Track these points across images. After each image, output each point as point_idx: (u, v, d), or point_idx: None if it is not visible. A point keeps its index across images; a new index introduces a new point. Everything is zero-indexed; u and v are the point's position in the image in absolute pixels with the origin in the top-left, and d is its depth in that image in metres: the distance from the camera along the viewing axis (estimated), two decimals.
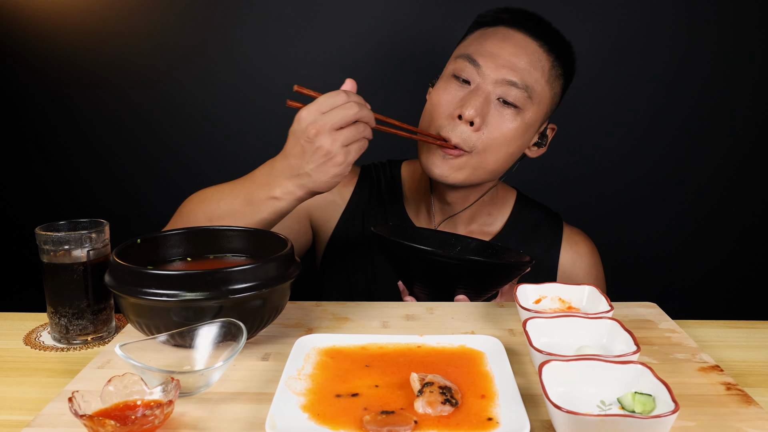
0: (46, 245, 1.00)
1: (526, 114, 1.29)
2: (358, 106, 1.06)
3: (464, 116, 1.25)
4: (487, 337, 0.91)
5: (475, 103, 1.25)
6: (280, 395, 0.76)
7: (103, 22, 1.91)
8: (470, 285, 1.14)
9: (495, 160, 1.30)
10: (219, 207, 1.17)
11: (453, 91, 1.30)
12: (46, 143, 2.00)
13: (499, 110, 1.27)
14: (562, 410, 0.67)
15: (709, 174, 2.00)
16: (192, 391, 0.80)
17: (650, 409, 0.72)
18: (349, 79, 1.11)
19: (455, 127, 1.27)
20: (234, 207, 1.15)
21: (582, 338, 0.89)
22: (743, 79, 1.94)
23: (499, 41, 1.29)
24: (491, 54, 1.28)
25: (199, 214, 1.19)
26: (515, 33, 1.30)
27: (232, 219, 1.14)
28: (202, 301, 0.85)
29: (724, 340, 1.04)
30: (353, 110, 1.05)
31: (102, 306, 1.05)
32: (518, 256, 1.24)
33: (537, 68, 1.29)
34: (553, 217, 1.50)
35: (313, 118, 1.05)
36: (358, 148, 1.07)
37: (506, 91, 1.27)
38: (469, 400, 0.77)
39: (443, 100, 1.30)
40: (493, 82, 1.27)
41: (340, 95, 1.06)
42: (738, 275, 2.07)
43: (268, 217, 1.13)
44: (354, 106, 1.05)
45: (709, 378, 0.86)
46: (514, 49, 1.28)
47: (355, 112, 1.05)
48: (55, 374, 0.94)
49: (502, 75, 1.27)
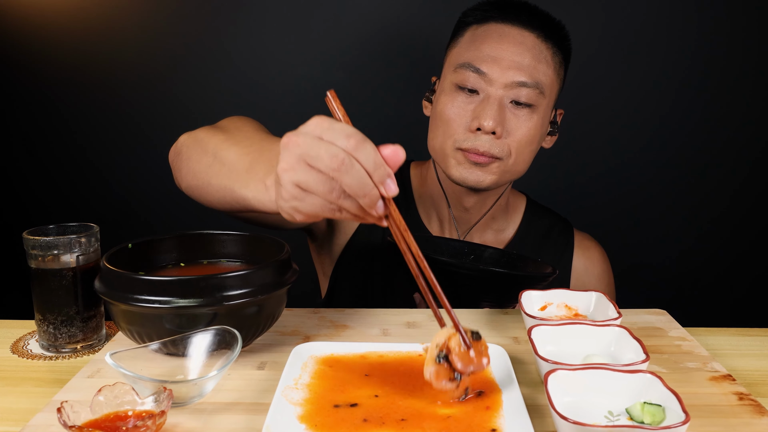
0: (34, 250, 0.99)
1: (540, 110, 1.28)
2: (348, 163, 0.72)
3: (484, 128, 1.23)
4: (491, 345, 0.89)
5: (491, 113, 1.23)
6: (276, 406, 0.76)
7: (93, 20, 1.91)
8: (493, 297, 1.14)
9: (522, 161, 1.30)
10: (230, 151, 1.00)
11: (462, 104, 1.26)
12: (35, 144, 1.99)
13: (514, 113, 1.26)
14: (568, 421, 0.66)
15: (720, 178, 2.01)
16: (185, 401, 0.79)
17: (660, 420, 0.71)
18: (397, 146, 0.75)
19: (477, 138, 1.25)
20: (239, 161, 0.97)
21: (589, 346, 0.89)
22: (755, 83, 1.94)
23: (496, 42, 1.26)
24: (493, 58, 1.25)
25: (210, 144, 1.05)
26: (510, 28, 1.27)
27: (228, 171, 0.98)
28: (195, 307, 0.84)
29: (736, 349, 1.04)
30: (336, 165, 0.72)
31: (92, 313, 1.04)
32: (538, 266, 1.24)
33: (541, 61, 1.26)
34: (564, 223, 1.50)
35: (306, 130, 0.75)
36: (313, 205, 0.76)
37: (518, 92, 1.25)
38: (472, 410, 0.77)
39: (453, 113, 1.27)
40: (502, 86, 1.24)
41: (351, 141, 0.72)
42: (750, 281, 2.07)
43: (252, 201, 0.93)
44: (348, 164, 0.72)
45: (721, 388, 0.85)
46: (514, 47, 1.25)
47: (335, 169, 0.72)
48: (44, 384, 0.93)
49: (510, 78, 1.24)
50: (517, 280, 1.13)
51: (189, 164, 1.09)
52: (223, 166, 0.99)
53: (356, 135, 0.73)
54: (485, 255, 1.31)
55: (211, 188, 1.02)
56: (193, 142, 1.10)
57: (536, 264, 1.25)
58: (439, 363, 0.78)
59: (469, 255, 1.31)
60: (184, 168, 1.11)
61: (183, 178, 1.12)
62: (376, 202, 0.74)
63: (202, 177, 1.04)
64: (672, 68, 1.93)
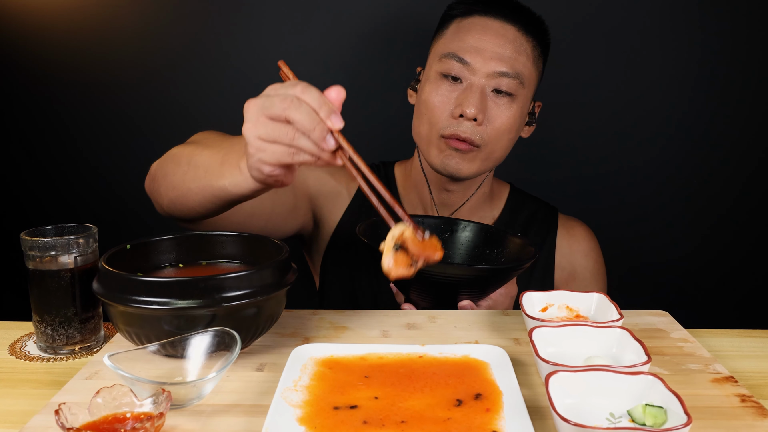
0: (32, 251, 0.99)
1: (519, 99, 1.34)
2: (297, 102, 0.84)
3: (466, 115, 1.29)
4: (491, 346, 0.90)
5: (473, 100, 1.29)
6: (275, 407, 0.76)
7: (91, 19, 1.90)
8: (472, 291, 1.14)
9: (501, 148, 1.36)
10: (202, 155, 1.06)
11: (446, 92, 1.33)
12: (32, 145, 1.98)
13: (495, 101, 1.32)
14: (569, 423, 0.66)
15: (723, 179, 2.00)
16: (184, 403, 0.79)
17: (662, 422, 0.71)
18: (338, 86, 0.89)
19: (459, 124, 1.31)
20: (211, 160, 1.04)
21: (590, 348, 0.89)
22: (760, 84, 1.93)
23: (480, 33, 1.33)
24: (476, 48, 1.31)
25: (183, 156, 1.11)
26: (492, 21, 1.34)
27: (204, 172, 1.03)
28: (194, 309, 0.84)
29: (738, 350, 1.03)
30: (285, 104, 0.84)
31: (90, 314, 1.03)
32: (519, 243, 1.26)
33: (522, 53, 1.33)
34: (548, 208, 1.54)
35: (262, 94, 0.88)
36: (274, 153, 0.87)
37: (499, 82, 1.31)
38: (473, 413, 0.77)
39: (438, 101, 1.33)
40: (484, 75, 1.31)
41: (297, 87, 0.85)
42: (753, 282, 2.06)
43: (228, 187, 0.99)
44: (292, 101, 0.84)
45: (723, 390, 0.85)
46: (496, 39, 1.32)
47: (286, 107, 0.84)
48: (41, 385, 0.92)
49: (492, 68, 1.30)
50: (492, 274, 1.14)
51: (165, 180, 1.14)
52: (198, 169, 1.06)
53: (301, 83, 0.86)
54: (462, 230, 1.33)
55: (191, 192, 1.07)
56: (166, 161, 1.17)
57: (515, 239, 1.27)
58: (396, 251, 0.86)
59: (446, 231, 1.33)
60: (162, 186, 1.15)
61: (163, 195, 1.15)
62: (326, 136, 0.85)
63: (180, 186, 1.09)
64: (677, 69, 1.92)
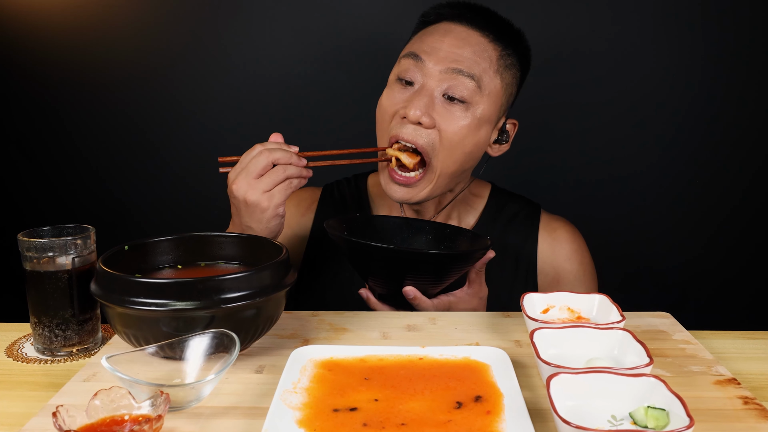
0: (29, 252, 0.99)
1: (476, 108, 1.26)
2: (269, 151, 1.13)
3: (409, 117, 1.24)
4: (492, 348, 0.90)
5: (418, 103, 1.24)
6: (274, 410, 0.76)
7: (89, 19, 1.91)
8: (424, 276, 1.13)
9: (452, 162, 1.28)
10: None
11: (397, 94, 1.29)
12: (30, 145, 1.99)
13: (446, 108, 1.26)
14: (571, 425, 0.66)
15: (727, 180, 2.00)
16: (182, 406, 0.79)
17: (664, 425, 0.71)
18: (275, 133, 1.19)
19: (403, 125, 1.26)
20: None
21: (592, 350, 0.89)
22: (762, 88, 1.93)
23: (441, 36, 1.29)
24: (433, 48, 1.27)
25: None
26: (456, 26, 1.30)
27: None
28: (193, 310, 0.84)
29: (741, 352, 1.03)
30: (264, 156, 1.12)
31: (88, 316, 1.03)
32: (474, 239, 1.23)
33: (483, 58, 1.27)
34: (531, 207, 1.46)
35: (234, 176, 1.14)
36: (281, 190, 1.13)
37: (452, 84, 1.25)
38: (473, 415, 0.77)
39: (386, 103, 1.30)
40: (437, 76, 1.25)
41: (255, 148, 1.14)
42: (756, 284, 2.07)
43: None
44: (265, 153, 1.13)
45: (726, 392, 0.85)
46: (455, 41, 1.27)
47: (266, 157, 1.12)
48: (39, 388, 0.92)
49: (446, 65, 1.25)
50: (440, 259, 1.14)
51: None
52: None
53: (251, 149, 1.14)
54: (420, 229, 1.31)
55: None
56: None
57: (471, 236, 1.24)
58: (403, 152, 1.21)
59: (404, 231, 1.31)
60: None
61: None
62: (299, 157, 1.14)
63: None
64: (681, 71, 1.92)
